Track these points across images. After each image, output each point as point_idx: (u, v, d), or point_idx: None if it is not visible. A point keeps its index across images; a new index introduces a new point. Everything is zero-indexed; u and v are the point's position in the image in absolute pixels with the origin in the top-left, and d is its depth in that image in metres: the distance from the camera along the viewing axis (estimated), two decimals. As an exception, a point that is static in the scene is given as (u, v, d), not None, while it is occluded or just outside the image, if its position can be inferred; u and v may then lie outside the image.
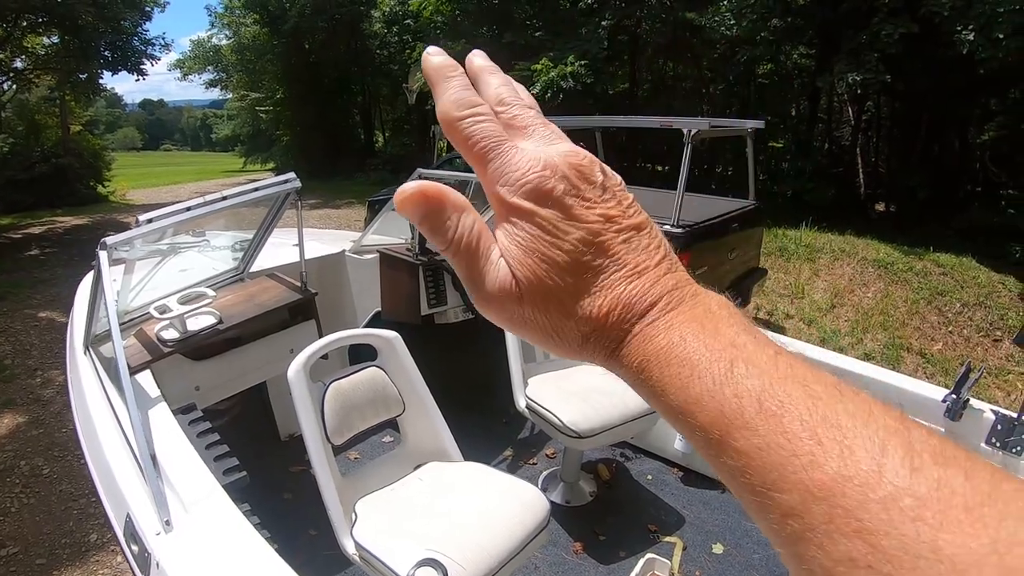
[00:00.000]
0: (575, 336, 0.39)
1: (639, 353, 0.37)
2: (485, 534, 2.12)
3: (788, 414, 0.31)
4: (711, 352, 0.35)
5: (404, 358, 2.62)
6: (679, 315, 0.37)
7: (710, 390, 0.33)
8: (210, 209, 2.68)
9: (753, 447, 0.31)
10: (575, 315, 0.38)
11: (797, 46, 14.64)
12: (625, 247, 0.39)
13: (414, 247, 3.81)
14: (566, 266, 0.38)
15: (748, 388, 0.33)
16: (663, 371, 0.36)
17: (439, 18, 17.35)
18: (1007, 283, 9.05)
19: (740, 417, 0.32)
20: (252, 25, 25.41)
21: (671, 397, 0.35)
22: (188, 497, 1.83)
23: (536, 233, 0.39)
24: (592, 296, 0.38)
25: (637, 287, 0.38)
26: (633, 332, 0.37)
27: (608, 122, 7.87)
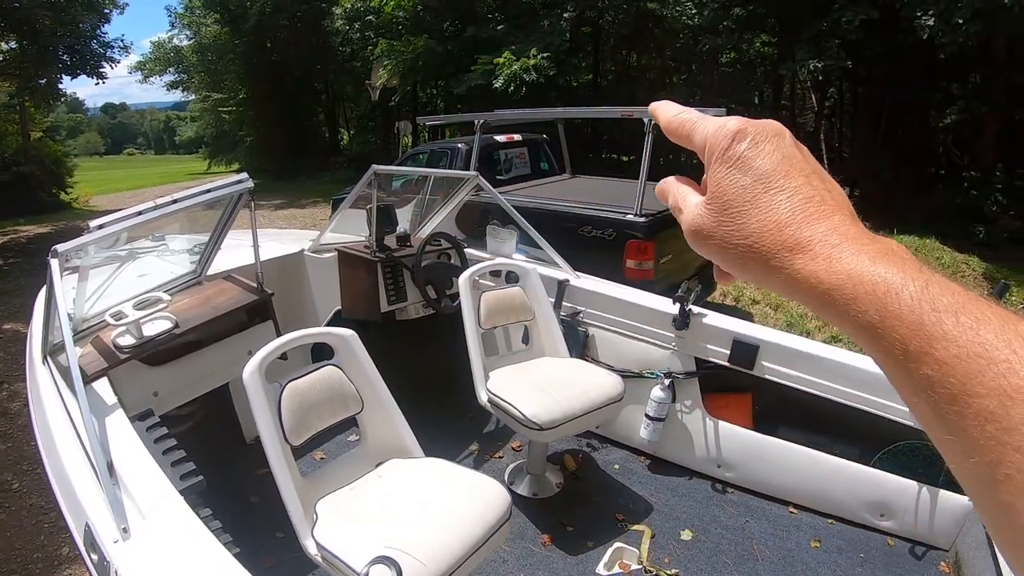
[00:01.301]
0: (753, 254, 0.44)
1: (829, 271, 0.40)
2: (444, 529, 2.11)
3: (984, 327, 0.34)
4: (905, 274, 0.37)
5: (361, 356, 2.60)
6: (866, 244, 0.40)
7: (909, 305, 0.36)
8: (161, 213, 2.64)
9: (952, 356, 0.34)
10: (753, 229, 0.44)
11: (759, 34, 14.74)
12: (805, 181, 0.44)
13: (372, 244, 3.79)
14: (746, 189, 0.44)
15: (945, 304, 0.35)
16: (857, 289, 0.38)
17: (401, 13, 17.22)
18: (971, 263, 9.18)
19: (940, 328, 0.34)
20: (213, 25, 25.17)
21: (867, 314, 0.38)
22: (145, 504, 1.82)
23: (723, 170, 0.46)
24: (767, 215, 0.43)
25: (824, 212, 0.42)
26: (820, 251, 0.41)
27: (571, 114, 7.89)
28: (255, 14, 22.01)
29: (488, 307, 3.39)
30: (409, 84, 17.93)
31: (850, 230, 0.42)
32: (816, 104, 15.99)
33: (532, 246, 4.18)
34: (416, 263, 3.79)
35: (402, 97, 18.91)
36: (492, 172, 6.93)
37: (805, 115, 17.44)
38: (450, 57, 15.58)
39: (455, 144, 7.49)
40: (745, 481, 3.49)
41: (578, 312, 3.87)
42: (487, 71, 13.00)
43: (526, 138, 7.74)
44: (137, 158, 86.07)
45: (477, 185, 4.27)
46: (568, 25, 13.47)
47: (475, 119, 6.54)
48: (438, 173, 5.25)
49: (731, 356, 3.42)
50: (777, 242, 0.42)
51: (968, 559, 2.77)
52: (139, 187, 28.30)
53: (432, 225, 4.49)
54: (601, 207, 5.41)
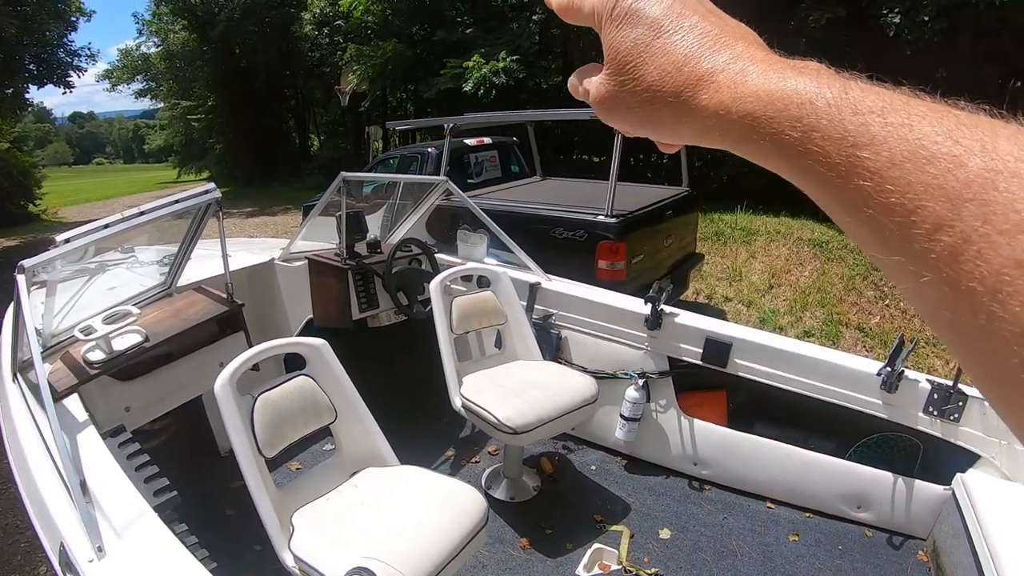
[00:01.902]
0: (657, 100, 0.41)
1: (736, 97, 0.37)
2: (420, 537, 2.10)
3: (917, 123, 0.30)
4: (819, 82, 0.34)
5: (333, 365, 2.59)
6: (775, 64, 0.37)
7: (827, 113, 0.32)
8: (129, 225, 2.63)
9: (885, 161, 0.30)
10: (652, 77, 0.41)
11: (726, 34, 14.80)
12: (700, 18, 0.41)
13: (342, 252, 3.77)
14: (638, 40, 0.42)
15: (868, 105, 0.31)
16: (767, 108, 0.35)
17: (369, 18, 17.15)
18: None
19: (866, 133, 0.31)
20: (181, 31, 24.94)
21: (784, 134, 0.35)
22: (119, 522, 1.80)
23: (614, 31, 0.43)
24: (666, 59, 0.40)
25: (725, 43, 0.40)
26: (724, 79, 0.38)
27: (540, 116, 7.88)
28: (223, 20, 21.88)
29: (460, 312, 3.39)
30: (379, 89, 17.86)
31: (756, 54, 0.39)
32: (785, 101, 16.10)
33: (503, 250, 4.18)
34: (387, 270, 3.77)
35: (372, 102, 18.85)
36: (463, 176, 6.92)
37: (775, 113, 17.56)
38: (419, 61, 15.54)
39: (425, 148, 7.47)
40: (722, 478, 3.51)
41: (550, 315, 3.87)
42: (457, 74, 12.98)
43: (496, 141, 7.74)
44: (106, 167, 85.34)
45: (447, 190, 4.27)
46: (537, 27, 13.48)
47: (445, 123, 6.53)
48: (407, 179, 5.24)
49: (704, 354, 3.44)
50: (678, 82, 0.40)
51: (945, 547, 2.80)
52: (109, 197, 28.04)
53: (402, 231, 4.48)
54: (572, 209, 5.42)
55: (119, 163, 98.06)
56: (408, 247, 4.01)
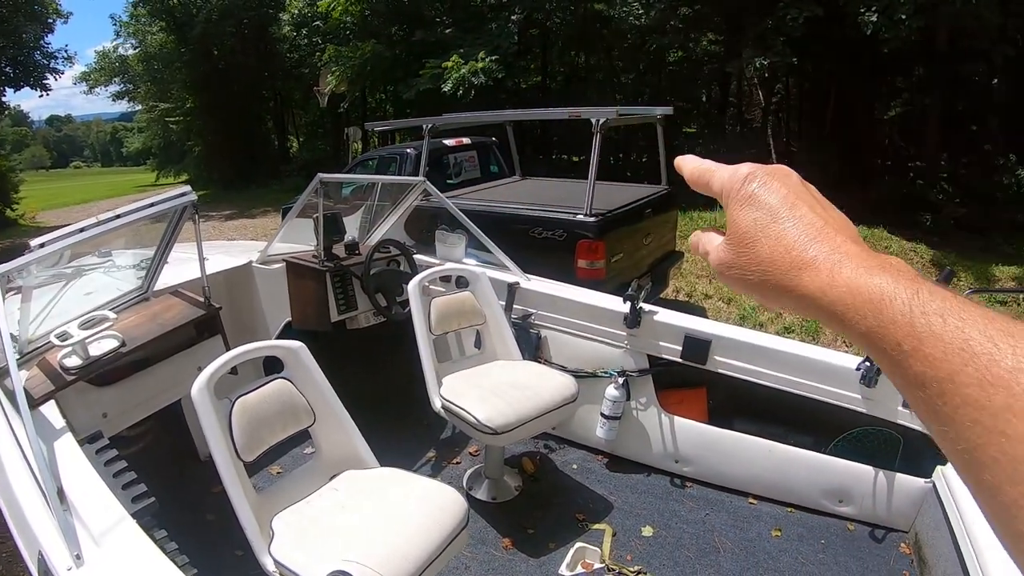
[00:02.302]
0: (766, 277, 0.49)
1: (832, 284, 0.45)
2: (400, 539, 2.10)
3: (968, 326, 0.37)
4: (897, 283, 0.42)
5: (311, 367, 2.57)
6: (865, 260, 0.45)
7: (901, 310, 0.40)
8: (104, 229, 2.60)
9: (940, 352, 0.37)
10: (764, 256, 0.49)
11: (705, 33, 14.87)
12: (810, 210, 0.50)
13: (320, 254, 3.75)
14: (755, 223, 0.50)
15: (933, 308, 0.39)
16: (856, 298, 0.43)
17: (348, 18, 17.09)
18: (919, 250, 9.37)
19: (928, 329, 0.38)
20: (158, 33, 24.73)
21: (866, 320, 0.42)
22: (97, 529, 1.79)
23: (735, 209, 0.52)
24: (774, 242, 0.49)
25: (827, 235, 0.47)
26: (823, 267, 0.46)
27: (519, 116, 7.89)
28: (201, 21, 21.71)
29: (439, 313, 3.38)
30: (358, 90, 17.80)
31: (851, 249, 0.46)
32: (763, 100, 16.21)
33: (482, 250, 4.17)
34: (365, 271, 3.76)
35: (351, 103, 18.79)
36: (441, 176, 6.91)
37: (752, 111, 17.69)
38: (398, 62, 15.49)
39: (404, 149, 7.46)
40: (703, 475, 3.52)
41: (529, 314, 3.87)
42: (436, 75, 12.94)
43: (475, 141, 7.74)
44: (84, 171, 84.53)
45: (425, 190, 4.25)
46: (516, 27, 13.48)
47: (423, 123, 6.52)
48: (385, 180, 5.22)
49: (683, 352, 3.45)
50: (786, 263, 0.48)
51: (928, 539, 2.82)
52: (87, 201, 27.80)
53: (381, 232, 4.46)
54: (551, 208, 5.42)
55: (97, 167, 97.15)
56: (386, 248, 4.00)
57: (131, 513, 1.90)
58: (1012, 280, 8.75)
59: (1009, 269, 9.05)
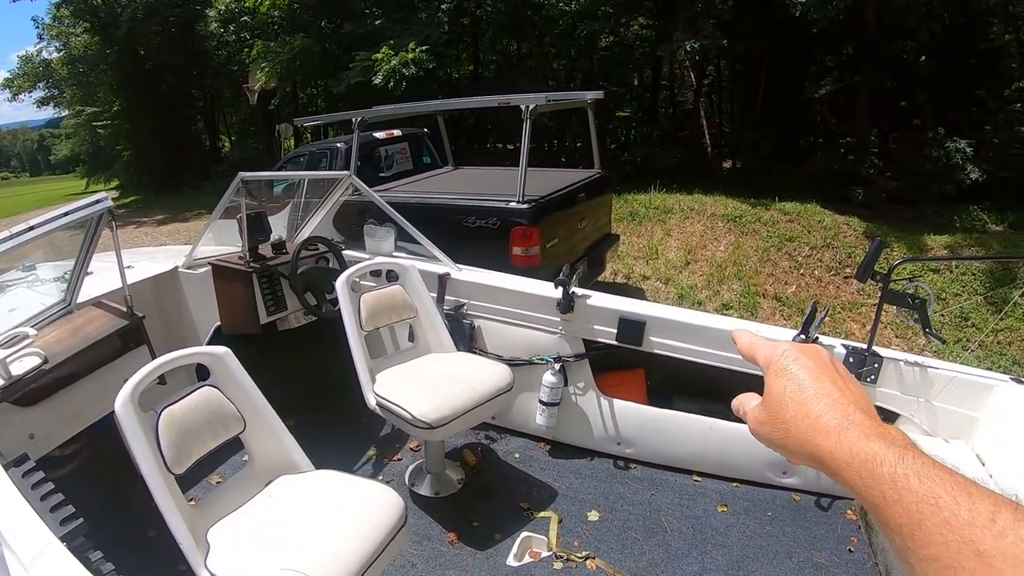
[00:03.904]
0: (791, 440, 0.60)
1: (839, 447, 0.54)
2: (339, 543, 2.06)
3: (937, 486, 0.47)
4: (887, 449, 0.51)
5: (238, 372, 2.50)
6: (868, 428, 0.54)
7: (888, 470, 0.49)
8: (17, 242, 2.51)
9: (914, 504, 0.47)
10: (792, 426, 0.60)
11: (636, 17, 14.97)
12: (833, 386, 0.60)
13: (245, 255, 3.67)
14: (785, 393, 0.61)
15: (914, 470, 0.48)
16: (855, 458, 0.52)
17: (276, 13, 16.80)
18: (851, 223, 9.57)
19: (908, 486, 0.48)
20: (82, 34, 23.89)
21: (862, 476, 0.51)
22: (26, 556, 1.72)
23: (772, 379, 0.64)
24: (816, 407, 0.58)
25: (842, 406, 0.57)
26: (834, 433, 0.55)
27: (448, 105, 7.85)
28: (126, 20, 21.07)
29: (369, 308, 3.32)
30: (288, 85, 17.54)
31: (858, 418, 0.56)
32: (695, 82, 16.40)
33: (412, 242, 4.12)
34: (292, 270, 3.68)
35: (282, 99, 18.49)
36: (374, 170, 6.87)
37: (685, 94, 17.88)
38: (328, 55, 15.30)
39: (334, 144, 7.36)
40: (646, 455, 3.54)
41: (462, 304, 3.84)
42: (366, 67, 12.78)
43: (406, 133, 7.69)
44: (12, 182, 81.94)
45: (351, 185, 4.19)
46: (446, 16, 13.38)
47: (353, 117, 6.44)
48: (311, 176, 5.15)
49: (618, 334, 3.45)
50: (807, 427, 0.58)
51: None
52: (15, 213, 26.83)
53: (308, 229, 4.39)
54: (484, 197, 5.39)
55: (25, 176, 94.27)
56: (314, 245, 3.93)
57: (59, 536, 1.84)
58: (943, 249, 9.00)
59: (940, 238, 9.31)
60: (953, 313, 7.20)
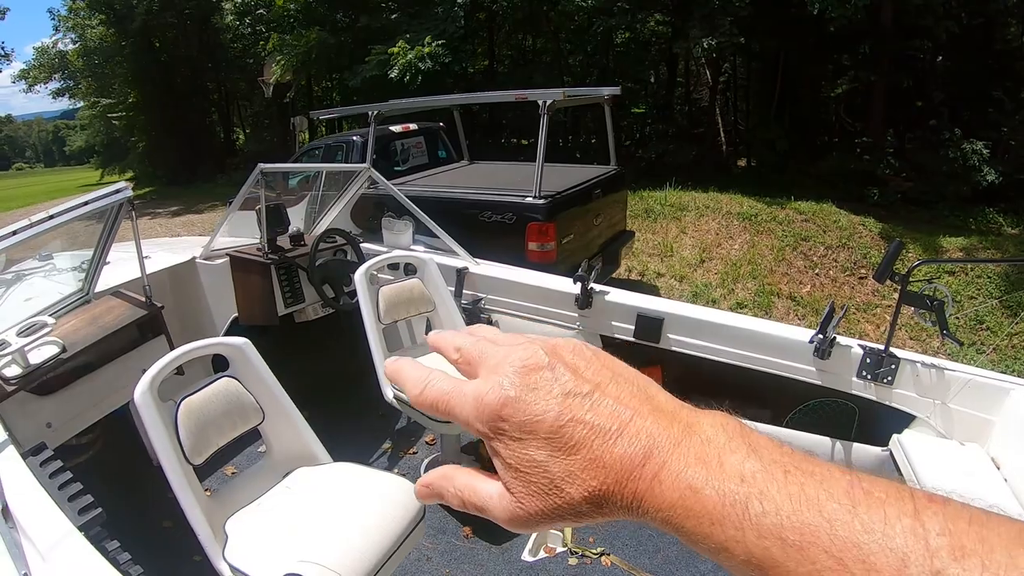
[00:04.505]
0: (593, 510, 0.41)
1: (656, 509, 0.38)
2: (357, 536, 2.07)
3: (810, 545, 0.33)
4: (721, 496, 0.36)
5: (257, 364, 2.51)
6: (678, 459, 0.38)
7: (733, 536, 0.35)
8: (37, 231, 2.51)
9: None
10: (579, 497, 0.40)
11: (652, 14, 14.91)
12: (594, 413, 0.40)
13: (264, 246, 3.67)
14: (547, 460, 0.41)
15: (768, 527, 0.34)
16: (684, 523, 0.37)
17: (292, 6, 16.84)
18: (867, 224, 9.52)
19: (769, 557, 0.34)
20: (98, 26, 23.97)
21: (701, 545, 0.37)
22: (44, 545, 1.73)
23: (508, 450, 0.42)
24: (584, 474, 0.40)
25: (621, 447, 0.39)
26: (639, 492, 0.39)
27: (465, 100, 7.87)
28: (141, 13, 21.13)
29: (387, 301, 3.32)
30: (303, 79, 17.59)
31: (660, 439, 0.39)
32: (711, 80, 16.33)
33: (430, 236, 4.13)
34: (311, 262, 3.69)
35: (297, 92, 18.57)
36: (389, 163, 6.88)
37: (700, 90, 17.82)
38: (344, 49, 15.30)
39: (350, 137, 7.39)
40: None
41: (480, 299, 3.84)
42: (382, 61, 12.80)
43: (422, 127, 7.69)
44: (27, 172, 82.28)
45: (370, 178, 4.19)
46: (462, 11, 13.37)
47: (369, 110, 6.44)
48: (329, 168, 5.15)
49: (636, 331, 3.44)
50: (596, 492, 0.40)
51: None
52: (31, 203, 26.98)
53: (326, 222, 4.39)
54: (500, 191, 5.40)
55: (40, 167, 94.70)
56: (332, 238, 3.94)
57: (78, 526, 1.84)
58: (959, 251, 8.96)
59: (955, 240, 9.26)
60: (968, 316, 7.16)
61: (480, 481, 0.45)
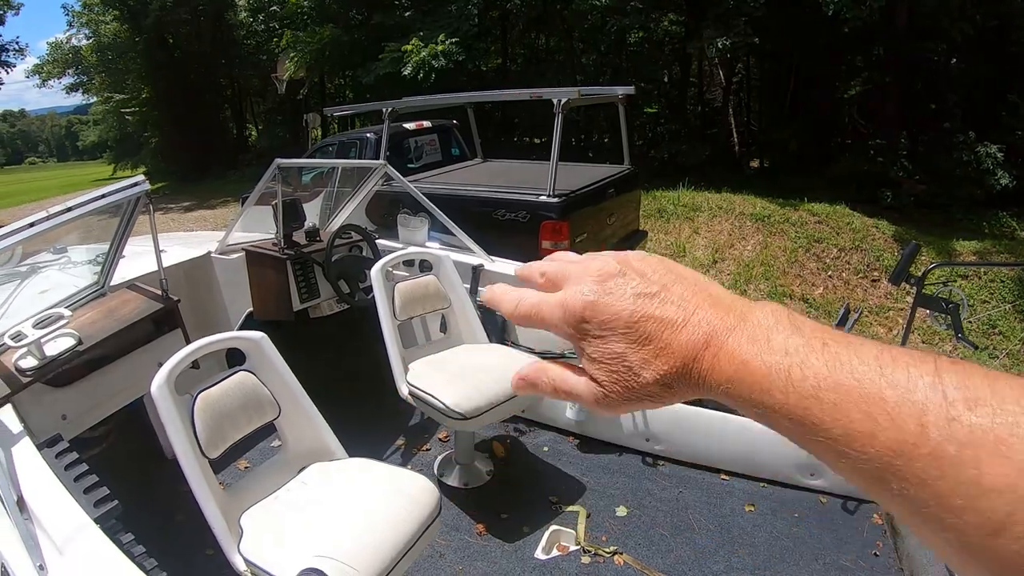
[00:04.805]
0: (664, 391, 0.47)
1: (716, 383, 0.44)
2: (373, 532, 2.07)
3: (843, 402, 0.38)
4: (768, 367, 0.42)
5: (274, 358, 2.51)
6: (734, 341, 0.44)
7: (780, 400, 0.40)
8: (55, 223, 2.51)
9: (824, 437, 0.39)
10: (652, 380, 0.46)
11: (666, 13, 14.89)
12: (662, 309, 0.47)
13: (280, 241, 3.68)
14: (624, 351, 0.47)
15: (808, 389, 0.39)
16: (739, 392, 0.43)
17: (306, 3, 16.92)
18: (880, 226, 9.48)
19: (810, 416, 0.39)
20: (112, 22, 24.11)
21: (753, 411, 0.43)
22: (60, 537, 1.73)
23: (591, 346, 0.48)
24: (657, 360, 0.46)
25: (686, 336, 0.45)
26: (702, 371, 0.45)
27: (479, 97, 7.85)
28: (155, 9, 21.21)
29: (402, 298, 3.32)
30: (316, 76, 17.62)
31: (717, 325, 0.45)
32: (724, 80, 16.29)
33: (445, 233, 4.13)
34: (326, 258, 3.70)
35: (310, 89, 18.60)
36: (402, 160, 6.86)
37: (713, 91, 17.77)
38: (357, 46, 15.33)
39: (364, 134, 7.39)
40: (675, 452, 3.53)
41: None
42: (395, 59, 12.82)
43: (436, 124, 7.69)
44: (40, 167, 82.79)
45: (385, 174, 4.19)
46: (476, 9, 13.37)
47: (383, 107, 6.44)
48: (345, 164, 5.15)
49: None
50: (667, 374, 0.46)
51: None
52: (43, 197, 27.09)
53: (342, 218, 4.40)
54: (514, 190, 5.40)
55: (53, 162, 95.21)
56: (348, 234, 3.95)
57: (94, 518, 1.85)
58: (972, 255, 8.91)
59: (969, 244, 9.21)
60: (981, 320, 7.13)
61: (570, 373, 0.52)
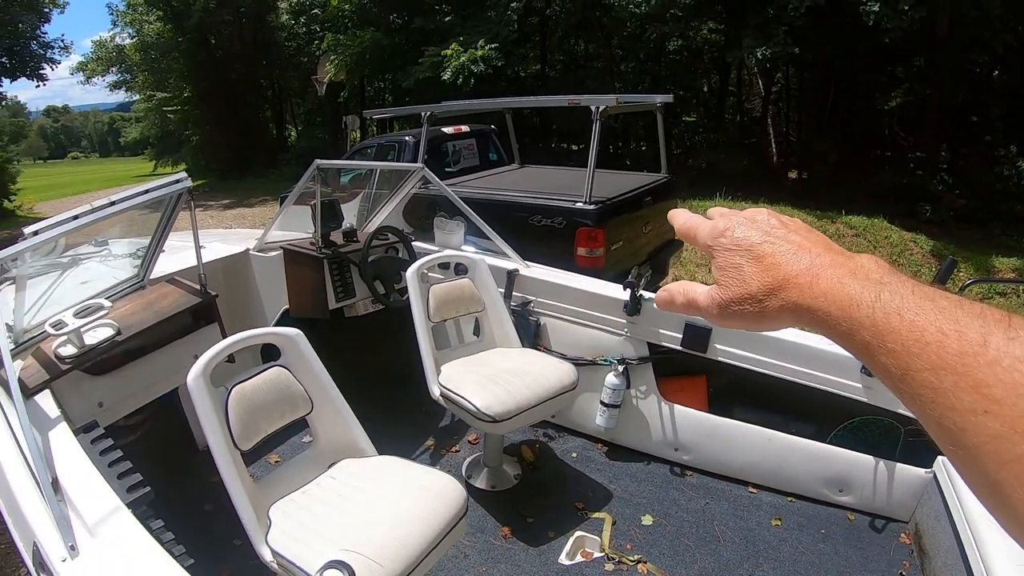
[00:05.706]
0: (767, 297, 0.54)
1: (811, 298, 0.51)
2: (399, 528, 2.08)
3: (921, 319, 0.44)
4: (863, 288, 0.49)
5: (308, 355, 2.54)
6: (834, 270, 0.52)
7: (866, 314, 0.47)
8: (99, 216, 2.56)
9: (899, 344, 0.44)
10: (757, 288, 0.55)
11: (706, 22, 14.81)
12: (782, 241, 0.56)
13: (318, 241, 3.72)
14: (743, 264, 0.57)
15: (893, 307, 0.46)
16: (831, 306, 0.50)
17: (347, 6, 17.05)
18: (919, 240, 9.34)
19: (888, 326, 0.45)
20: (155, 22, 24.46)
21: (841, 324, 0.49)
22: (92, 520, 1.76)
23: (720, 257, 0.59)
24: (765, 275, 0.55)
25: (794, 261, 0.54)
26: (801, 286, 0.52)
27: (518, 103, 7.86)
28: (198, 10, 21.48)
29: (437, 300, 3.35)
30: (356, 78, 17.75)
31: (825, 259, 0.53)
32: (763, 90, 16.18)
33: (481, 237, 4.15)
34: (363, 258, 3.73)
35: (350, 92, 18.72)
36: (440, 164, 6.88)
37: (753, 100, 17.65)
38: (397, 50, 15.44)
39: (402, 137, 7.44)
40: (703, 463, 3.51)
41: (529, 301, 3.84)
42: (435, 63, 12.89)
43: (474, 129, 7.71)
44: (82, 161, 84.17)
45: (423, 177, 4.23)
46: (515, 15, 13.40)
47: (422, 111, 6.49)
48: (384, 166, 5.19)
49: (684, 340, 3.43)
50: (770, 287, 0.54)
51: (928, 529, 2.81)
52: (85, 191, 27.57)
53: (379, 219, 4.44)
54: (550, 196, 5.40)
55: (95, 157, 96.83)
56: (384, 235, 3.98)
57: (126, 503, 1.88)
58: (1012, 271, 8.74)
59: (1009, 260, 9.04)
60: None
61: (696, 285, 0.62)
